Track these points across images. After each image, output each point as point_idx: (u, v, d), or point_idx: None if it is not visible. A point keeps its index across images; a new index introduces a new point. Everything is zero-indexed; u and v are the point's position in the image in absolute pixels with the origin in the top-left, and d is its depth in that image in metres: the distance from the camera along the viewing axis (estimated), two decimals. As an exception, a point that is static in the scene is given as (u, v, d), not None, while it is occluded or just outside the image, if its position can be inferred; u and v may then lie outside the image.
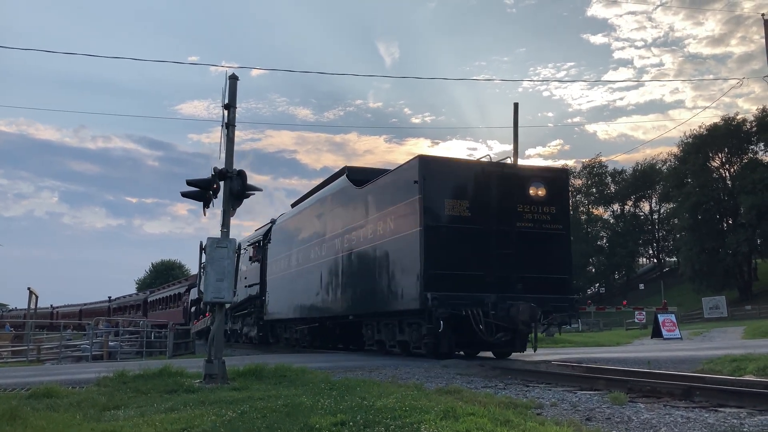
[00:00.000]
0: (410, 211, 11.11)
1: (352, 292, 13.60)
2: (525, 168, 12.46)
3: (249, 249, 23.40)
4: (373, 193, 12.97)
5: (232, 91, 8.72)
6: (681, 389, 6.25)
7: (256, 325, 21.86)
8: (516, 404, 5.74)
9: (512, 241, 11.18)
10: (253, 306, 22.12)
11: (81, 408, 5.85)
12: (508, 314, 10.29)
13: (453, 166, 11.54)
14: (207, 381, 7.71)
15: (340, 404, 5.50)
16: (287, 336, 19.65)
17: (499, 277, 10.90)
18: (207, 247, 8.29)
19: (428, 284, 10.39)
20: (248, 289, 22.74)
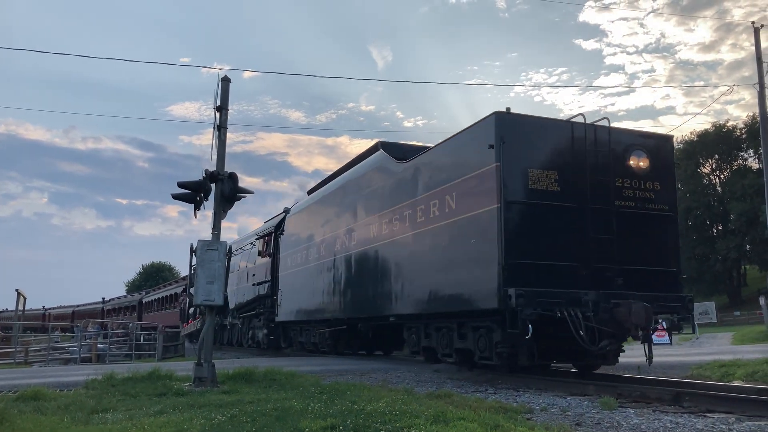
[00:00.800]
0: (482, 184, 8.85)
1: (393, 289, 11.32)
2: (624, 132, 9.93)
3: (257, 243, 20.87)
4: (425, 166, 10.71)
5: (224, 94, 8.70)
6: (670, 395, 6.28)
7: (265, 327, 19.32)
8: (506, 409, 5.75)
9: (611, 224, 8.93)
10: (263, 306, 19.72)
11: (69, 411, 5.81)
12: (612, 316, 8.22)
13: (537, 127, 9.09)
14: (196, 384, 7.68)
15: (330, 408, 5.48)
16: (302, 339, 17.49)
17: (596, 269, 8.68)
18: (197, 250, 8.26)
19: (509, 277, 8.18)
20: (256, 288, 20.29)
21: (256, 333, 20.59)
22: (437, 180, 10.14)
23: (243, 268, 22.50)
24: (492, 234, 8.51)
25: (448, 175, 9.80)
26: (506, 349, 8.66)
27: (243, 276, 22.18)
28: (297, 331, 17.90)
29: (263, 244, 20.06)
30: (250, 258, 21.50)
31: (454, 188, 9.59)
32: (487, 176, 8.79)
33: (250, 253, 21.59)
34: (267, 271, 19.35)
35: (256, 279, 20.35)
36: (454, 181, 9.62)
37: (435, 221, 10.01)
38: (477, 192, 9.00)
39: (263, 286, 19.57)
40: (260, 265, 20.22)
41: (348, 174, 14.65)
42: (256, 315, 20.52)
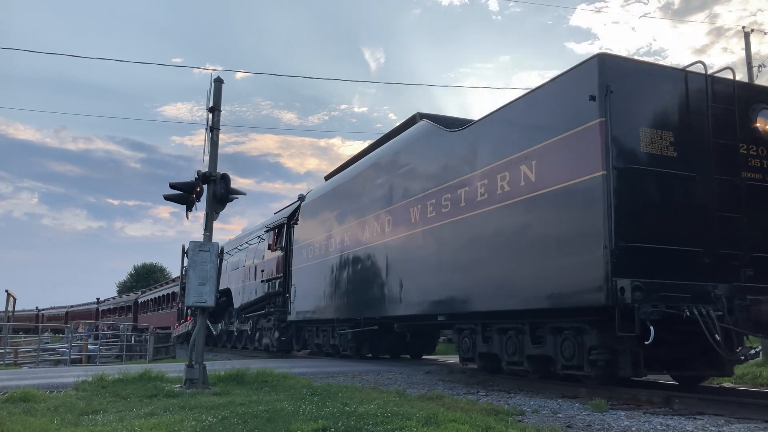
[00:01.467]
0: (578, 146, 7.04)
1: (440, 284, 9.40)
2: (751, 87, 8.26)
3: (267, 236, 18.91)
4: (487, 134, 8.85)
5: (216, 95, 8.68)
6: (661, 397, 6.31)
7: (276, 329, 17.13)
8: (497, 411, 5.75)
9: (738, 200, 7.23)
10: (273, 304, 17.71)
11: (58, 413, 5.77)
12: (749, 316, 6.59)
13: (648, 75, 7.21)
14: (187, 386, 7.65)
15: (321, 410, 5.48)
16: (319, 341, 15.39)
17: (723, 257, 6.99)
18: (189, 251, 8.24)
19: (620, 265, 6.43)
20: (265, 285, 18.36)
21: (264, 334, 18.61)
22: (506, 148, 8.28)
23: (249, 264, 20.58)
24: (595, 209, 6.70)
25: (524, 141, 7.95)
26: (604, 356, 6.94)
27: (249, 273, 20.23)
28: (312, 331, 15.85)
29: (273, 236, 18.01)
30: (258, 253, 19.60)
31: (534, 156, 7.71)
32: (586, 136, 6.94)
33: (257, 248, 19.68)
34: (278, 266, 17.41)
35: (265, 275, 18.32)
36: (533, 147, 7.75)
37: (504, 198, 8.21)
38: (569, 158, 7.16)
39: (273, 282, 17.65)
40: (270, 259, 18.25)
41: (380, 152, 12.60)
42: (264, 315, 18.52)
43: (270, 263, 18.18)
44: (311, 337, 15.98)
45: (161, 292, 37.33)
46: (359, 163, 13.71)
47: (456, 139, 9.58)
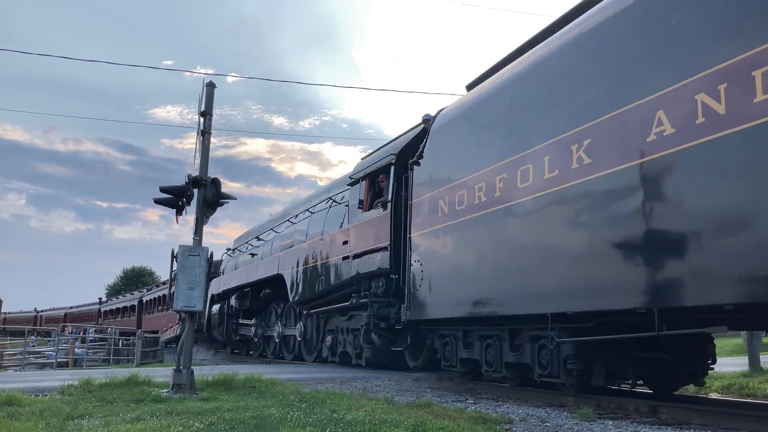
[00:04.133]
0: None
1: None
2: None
3: (354, 191, 12.14)
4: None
5: (208, 99, 8.67)
6: (648, 407, 6.33)
7: (373, 330, 10.79)
8: (486, 419, 5.75)
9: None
10: (365, 293, 11.06)
11: (43, 417, 5.72)
12: None
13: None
14: (175, 391, 7.60)
15: (309, 417, 5.46)
16: (474, 355, 8.71)
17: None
18: (179, 255, 8.20)
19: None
20: (352, 264, 11.63)
21: (343, 340, 12.68)
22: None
23: (315, 238, 13.90)
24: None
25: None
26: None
27: (315, 250, 13.69)
28: (453, 339, 9.20)
29: (367, 188, 11.57)
30: (331, 220, 13.18)
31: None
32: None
33: (329, 214, 13.41)
34: (378, 234, 10.79)
35: (354, 248, 11.66)
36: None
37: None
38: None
39: (369, 259, 10.98)
40: (360, 225, 11.57)
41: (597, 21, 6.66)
42: (345, 310, 12.24)
43: (360, 232, 11.51)
44: (453, 348, 9.21)
45: (171, 289, 34.25)
46: (559, 42, 7.31)
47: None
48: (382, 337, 10.84)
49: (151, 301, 37.32)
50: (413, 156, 10.04)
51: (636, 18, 6.11)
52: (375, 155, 12.12)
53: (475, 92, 9.36)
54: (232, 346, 21.62)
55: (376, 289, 10.93)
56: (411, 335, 10.42)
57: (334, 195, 13.80)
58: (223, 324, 20.92)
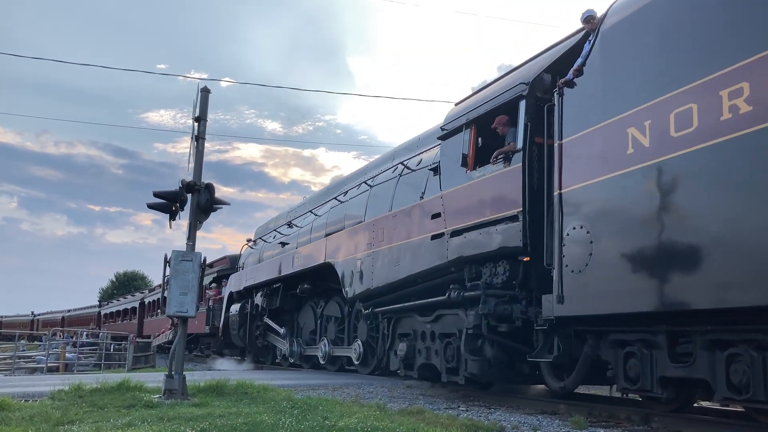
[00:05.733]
0: None
1: None
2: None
3: (453, 143, 8.82)
4: None
5: (203, 104, 8.67)
6: (639, 415, 6.34)
7: (488, 338, 7.69)
8: (478, 426, 5.76)
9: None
10: (474, 283, 8.06)
11: (33, 422, 5.69)
12: None
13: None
14: (167, 396, 7.57)
15: (301, 423, 5.45)
16: (683, 374, 5.48)
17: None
18: (171, 260, 8.18)
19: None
20: (449, 244, 8.62)
21: (432, 348, 9.12)
22: None
23: (364, 221, 11.37)
24: None
25: None
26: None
27: (371, 234, 10.99)
28: (646, 347, 5.86)
29: (473, 139, 8.50)
30: (400, 192, 10.32)
31: None
32: None
33: (398, 184, 10.50)
34: (501, 198, 7.69)
35: (446, 225, 8.66)
36: None
37: None
38: None
39: (482, 235, 7.91)
40: (462, 191, 8.47)
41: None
42: (433, 308, 9.02)
43: (465, 198, 8.35)
44: (644, 361, 5.88)
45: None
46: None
47: None
48: (499, 345, 7.71)
49: (154, 302, 34.36)
50: (574, 72, 6.83)
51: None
52: (484, 93, 8.68)
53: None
54: (256, 353, 18.18)
55: (491, 277, 7.79)
56: (561, 341, 6.84)
57: (404, 160, 10.79)
58: (245, 327, 17.68)
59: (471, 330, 7.81)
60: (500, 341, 7.73)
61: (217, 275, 23.13)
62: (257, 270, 17.36)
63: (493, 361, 7.82)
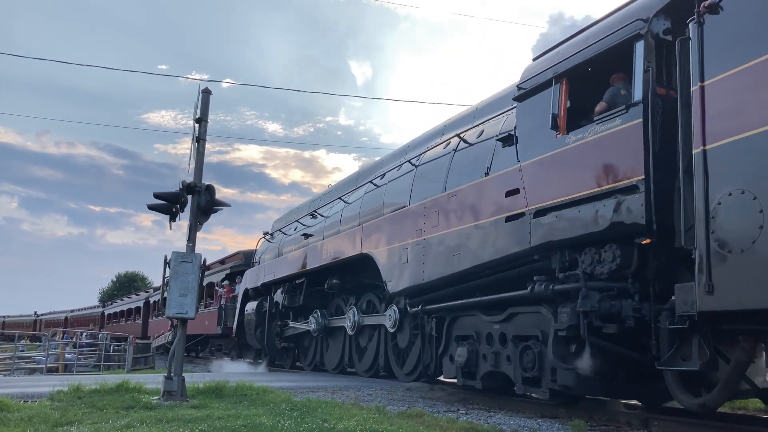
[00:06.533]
0: None
1: None
2: None
3: (534, 104, 7.32)
4: None
5: (204, 105, 8.68)
6: (639, 419, 6.34)
7: (590, 341, 6.14)
8: (477, 429, 5.75)
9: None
10: (567, 273, 6.62)
11: (32, 423, 5.68)
12: None
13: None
14: (166, 398, 7.56)
15: (300, 426, 5.44)
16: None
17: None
18: (171, 261, 8.18)
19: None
20: (532, 225, 7.02)
21: (504, 354, 7.71)
22: None
23: (409, 204, 10.01)
24: None
25: None
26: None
27: (419, 219, 9.53)
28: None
29: (564, 96, 6.97)
30: (456, 169, 9.01)
31: None
32: None
33: (453, 160, 9.18)
34: (612, 164, 6.14)
35: (528, 203, 7.17)
36: None
37: None
38: None
39: (583, 213, 6.37)
40: (552, 160, 6.91)
41: None
42: (507, 304, 7.66)
43: (556, 169, 6.87)
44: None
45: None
46: None
47: None
48: (603, 351, 6.22)
49: (159, 302, 31.87)
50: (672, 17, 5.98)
51: None
52: (580, 38, 7.10)
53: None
54: (274, 355, 16.80)
55: (593, 266, 6.31)
56: (706, 345, 5.32)
57: (460, 132, 9.27)
58: (263, 326, 16.28)
59: (564, 332, 6.39)
60: (604, 345, 6.17)
61: (230, 272, 21.88)
62: (277, 264, 16.00)
63: (596, 370, 6.24)
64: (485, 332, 8.03)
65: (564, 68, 7.03)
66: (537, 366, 6.99)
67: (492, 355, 7.87)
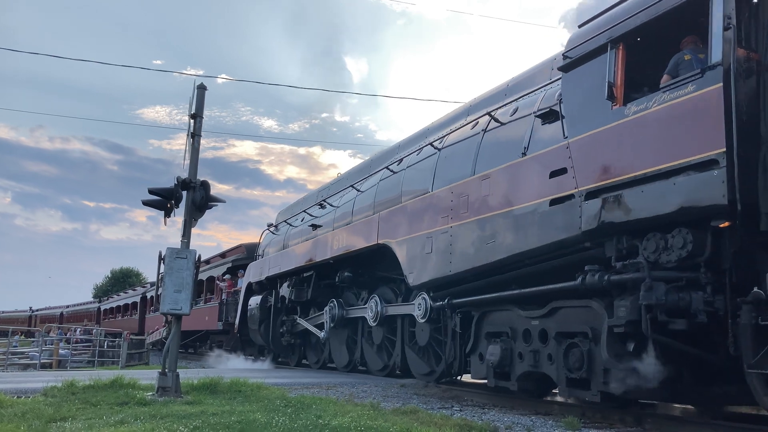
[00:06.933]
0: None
1: None
2: None
3: (583, 74, 6.49)
4: None
5: (199, 101, 8.65)
6: (633, 416, 6.35)
7: (653, 339, 5.41)
8: (471, 426, 5.76)
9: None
10: (623, 263, 5.79)
11: (26, 419, 5.67)
12: None
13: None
14: (160, 394, 7.56)
15: (294, 422, 5.44)
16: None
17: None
18: (166, 257, 8.17)
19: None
20: (583, 208, 6.16)
21: (544, 353, 6.89)
22: None
23: (432, 190, 9.13)
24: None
25: None
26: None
27: (446, 205, 8.60)
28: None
29: (621, 63, 6.11)
30: (486, 151, 8.17)
31: None
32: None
33: (483, 141, 8.31)
34: (686, 137, 5.27)
35: (577, 183, 6.26)
36: None
37: None
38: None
39: (648, 193, 5.55)
40: (608, 134, 6.02)
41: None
42: (549, 297, 6.83)
43: (614, 145, 5.97)
44: None
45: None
46: None
47: None
48: (668, 349, 5.51)
49: (156, 297, 32.89)
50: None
51: None
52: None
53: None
54: (279, 352, 16.12)
55: (657, 253, 5.58)
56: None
57: (491, 110, 8.42)
58: (267, 322, 15.59)
59: (621, 328, 5.68)
60: (671, 344, 5.45)
61: (232, 265, 20.95)
62: (283, 257, 15.17)
63: (659, 371, 5.52)
64: (522, 329, 7.26)
65: (621, 31, 6.17)
66: (585, 366, 6.20)
67: (530, 354, 7.06)
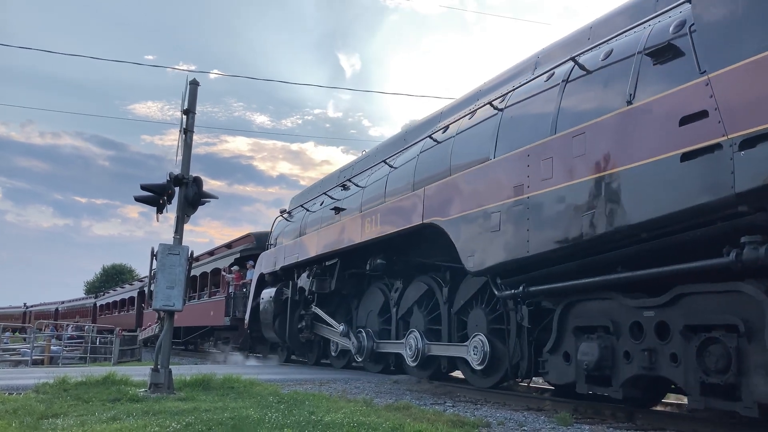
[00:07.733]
0: None
1: None
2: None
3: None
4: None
5: (192, 97, 8.62)
6: (624, 412, 6.39)
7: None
8: (464, 422, 5.77)
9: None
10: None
11: (17, 416, 5.64)
12: None
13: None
14: (152, 390, 7.54)
15: (287, 418, 5.44)
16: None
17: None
18: (159, 254, 8.14)
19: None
20: (747, 160, 4.47)
21: (665, 351, 5.40)
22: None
23: (495, 156, 7.67)
24: None
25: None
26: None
27: (519, 175, 6.98)
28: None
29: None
30: (584, 96, 6.46)
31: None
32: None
33: (563, 91, 6.77)
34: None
35: (730, 125, 4.64)
36: None
37: None
38: None
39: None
40: (753, 69, 4.54)
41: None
42: (669, 280, 5.41)
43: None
44: None
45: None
46: None
47: None
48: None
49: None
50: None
51: None
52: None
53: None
54: (296, 349, 14.69)
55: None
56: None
57: (575, 56, 6.70)
58: (282, 316, 14.13)
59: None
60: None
61: (240, 256, 19.34)
62: (301, 245, 13.59)
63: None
64: (629, 321, 5.84)
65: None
66: (734, 368, 4.79)
67: (642, 354, 5.62)
